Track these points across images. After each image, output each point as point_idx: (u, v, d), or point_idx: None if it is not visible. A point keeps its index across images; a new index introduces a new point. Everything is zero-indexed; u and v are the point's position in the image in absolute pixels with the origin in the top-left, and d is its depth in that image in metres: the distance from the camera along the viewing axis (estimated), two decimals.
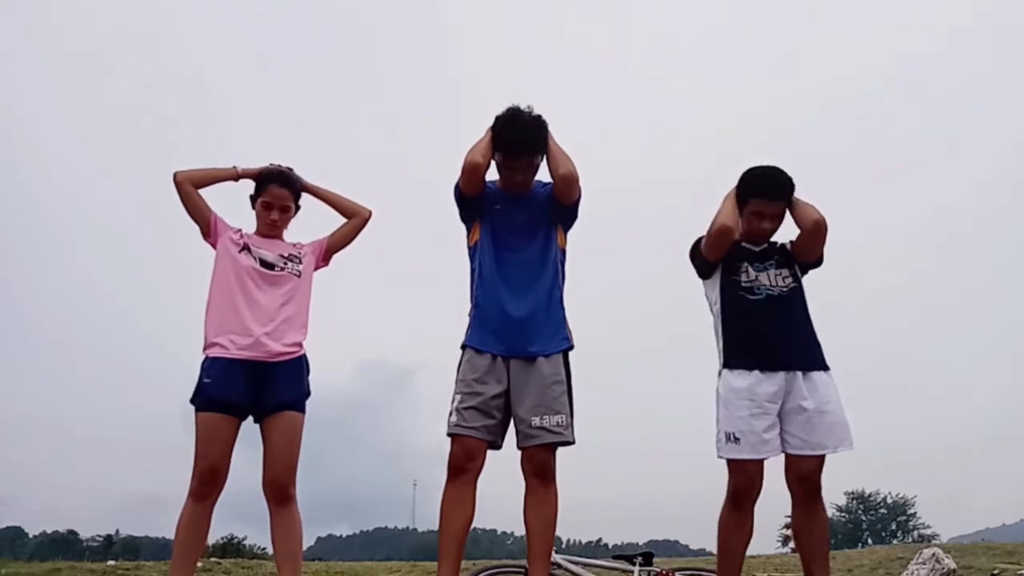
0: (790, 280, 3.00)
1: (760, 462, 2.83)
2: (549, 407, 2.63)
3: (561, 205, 2.83)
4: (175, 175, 2.99)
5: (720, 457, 2.85)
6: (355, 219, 3.22)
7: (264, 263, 2.99)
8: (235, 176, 3.09)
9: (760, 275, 2.99)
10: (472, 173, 2.72)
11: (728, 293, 3.00)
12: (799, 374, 2.86)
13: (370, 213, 3.23)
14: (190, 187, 3.00)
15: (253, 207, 3.13)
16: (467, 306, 2.87)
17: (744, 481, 2.81)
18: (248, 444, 2.88)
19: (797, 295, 3.01)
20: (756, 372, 2.85)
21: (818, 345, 2.97)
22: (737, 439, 2.80)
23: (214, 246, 3.04)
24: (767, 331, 2.91)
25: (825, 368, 2.92)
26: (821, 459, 2.82)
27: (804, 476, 2.81)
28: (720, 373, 2.94)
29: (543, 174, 2.99)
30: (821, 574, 2.80)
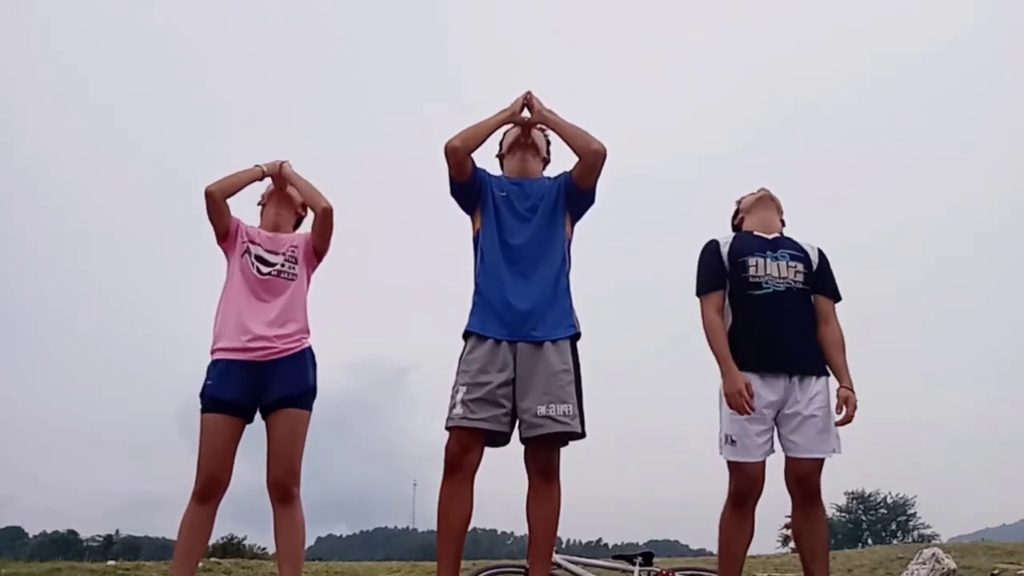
0: (801, 277, 2.97)
1: (761, 464, 2.83)
2: (556, 396, 2.52)
3: (580, 188, 2.79)
4: (207, 189, 2.92)
5: (722, 457, 2.87)
6: (316, 215, 3.06)
7: (262, 268, 2.98)
8: (261, 175, 3.09)
9: (771, 265, 2.96)
10: (450, 155, 2.71)
11: (734, 287, 2.98)
12: (796, 380, 2.85)
13: (324, 208, 3.01)
14: (221, 199, 2.96)
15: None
16: (463, 305, 2.80)
17: (746, 483, 2.82)
18: (249, 445, 2.88)
19: (804, 294, 2.97)
20: (757, 375, 2.83)
21: (818, 347, 2.95)
22: (734, 442, 2.82)
23: (227, 252, 3.04)
24: (770, 329, 2.88)
25: (821, 373, 2.91)
26: (819, 462, 2.82)
27: (802, 478, 2.81)
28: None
29: (550, 169, 3.00)
30: (821, 575, 2.80)
